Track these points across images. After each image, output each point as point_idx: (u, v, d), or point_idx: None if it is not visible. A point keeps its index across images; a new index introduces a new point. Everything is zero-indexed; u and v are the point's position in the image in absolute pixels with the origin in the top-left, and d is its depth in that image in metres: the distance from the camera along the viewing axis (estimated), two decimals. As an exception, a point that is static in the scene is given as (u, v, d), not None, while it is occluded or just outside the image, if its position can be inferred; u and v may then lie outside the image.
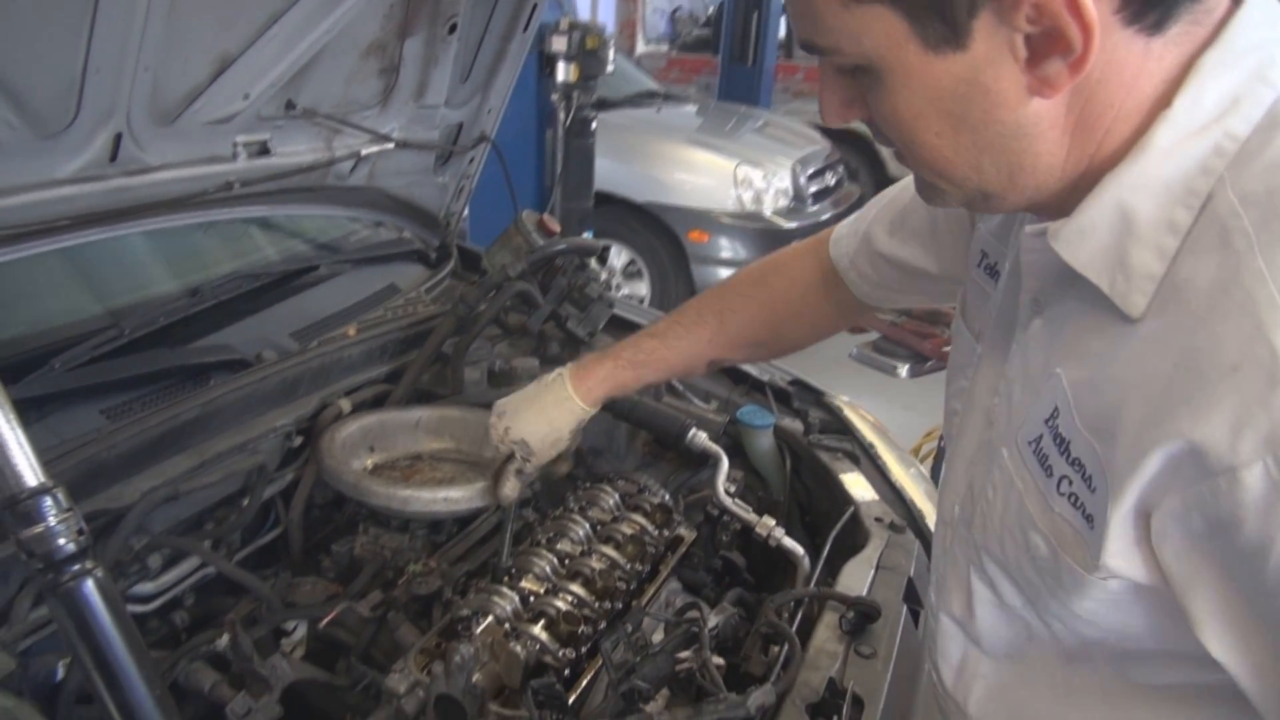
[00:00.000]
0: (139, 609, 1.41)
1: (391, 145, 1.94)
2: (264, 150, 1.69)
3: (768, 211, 5.66)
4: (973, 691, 0.96)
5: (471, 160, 2.23)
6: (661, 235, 5.64)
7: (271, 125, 1.68)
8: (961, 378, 1.05)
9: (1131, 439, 0.68)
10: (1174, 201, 0.69)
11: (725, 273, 5.60)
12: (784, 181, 5.80)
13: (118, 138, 1.41)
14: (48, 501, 0.65)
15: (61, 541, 0.65)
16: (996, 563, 0.87)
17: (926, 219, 1.20)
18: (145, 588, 1.40)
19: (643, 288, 5.77)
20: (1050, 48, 0.66)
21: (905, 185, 1.23)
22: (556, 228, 2.07)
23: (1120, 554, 0.70)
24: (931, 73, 0.70)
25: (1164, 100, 0.69)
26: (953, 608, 0.95)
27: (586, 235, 5.04)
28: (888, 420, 4.97)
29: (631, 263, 5.80)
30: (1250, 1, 0.69)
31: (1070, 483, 0.75)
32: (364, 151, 1.89)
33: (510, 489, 1.41)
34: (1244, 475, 0.59)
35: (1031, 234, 0.80)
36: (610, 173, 5.45)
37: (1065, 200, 0.76)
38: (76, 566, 0.66)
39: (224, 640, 1.31)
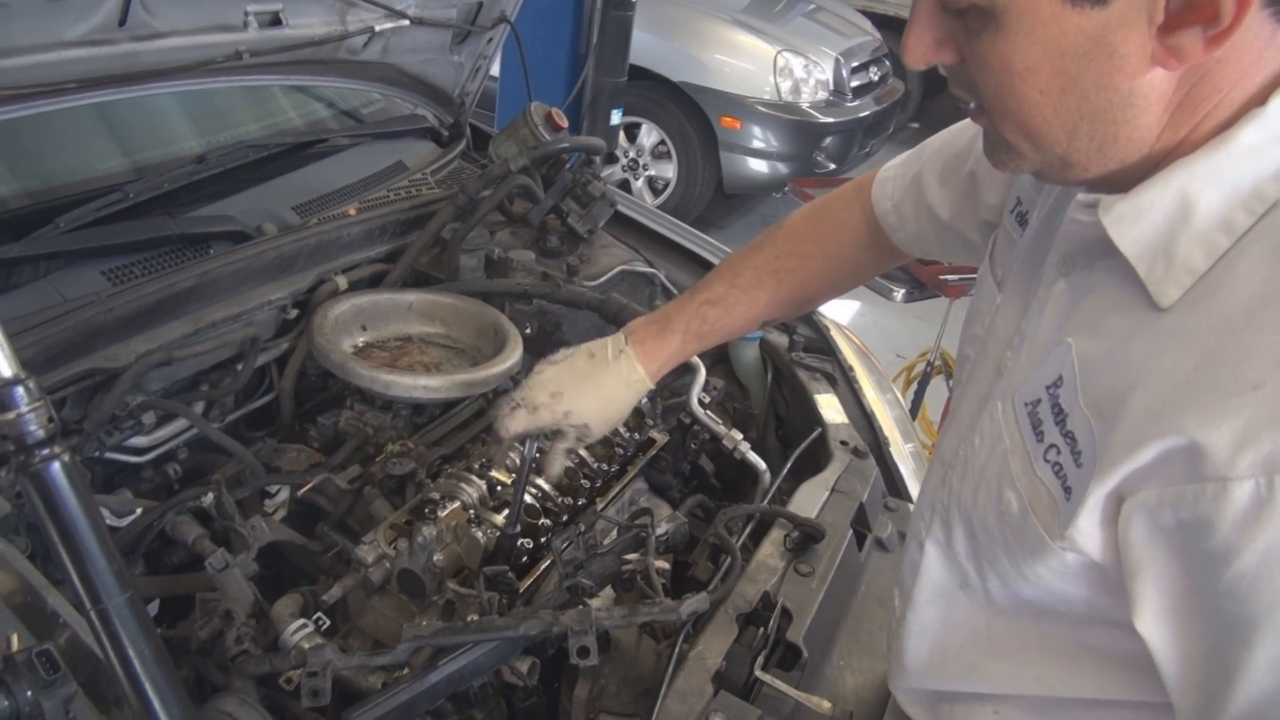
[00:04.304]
0: (134, 459, 1.51)
1: (406, 22, 1.92)
2: (275, 21, 1.69)
3: (805, 103, 5.53)
4: (908, 620, 1.01)
5: (490, 40, 2.20)
6: (693, 117, 5.55)
7: (284, -5, 1.68)
8: (978, 325, 1.03)
9: (1132, 425, 0.68)
10: (1238, 202, 0.68)
11: (754, 163, 5.53)
12: (825, 73, 5.64)
13: (127, 2, 1.42)
14: (20, 391, 0.72)
15: (32, 428, 0.72)
16: (961, 509, 0.90)
17: (965, 175, 1.15)
18: (140, 441, 1.50)
19: (669, 170, 5.72)
20: (1192, 16, 0.63)
21: (958, 130, 1.17)
22: (564, 123, 2.07)
23: (1086, 531, 0.73)
24: (1061, 25, 0.67)
25: (1265, 95, 0.67)
26: (922, 539, 0.99)
27: (616, 113, 4.95)
28: (897, 325, 5.00)
29: (661, 143, 5.72)
30: None
31: (1058, 452, 0.76)
32: (378, 27, 1.87)
33: (559, 468, 1.32)
34: (1234, 488, 0.61)
35: (1083, 204, 0.79)
36: (648, 47, 5.30)
37: (1136, 178, 0.73)
38: (45, 451, 0.73)
39: (209, 498, 1.41)
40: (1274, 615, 0.61)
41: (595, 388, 1.25)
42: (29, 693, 0.84)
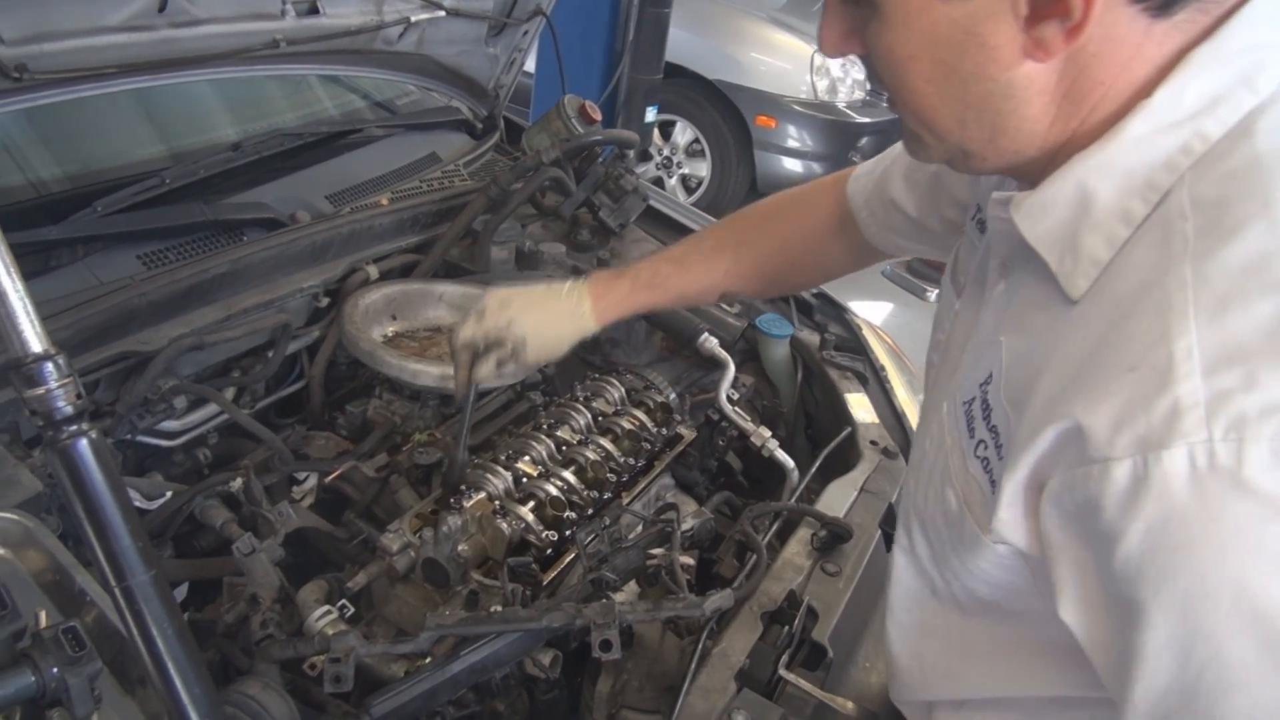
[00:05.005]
0: (165, 443, 1.52)
1: (442, 13, 1.92)
2: (312, 10, 1.70)
3: (841, 103, 5.49)
4: (889, 629, 1.02)
5: (525, 33, 2.20)
6: (728, 116, 5.52)
7: (322, -16, 1.68)
8: (940, 330, 1.06)
9: (1035, 413, 0.70)
10: (1133, 192, 0.69)
11: (788, 162, 5.50)
12: (862, 73, 5.59)
13: (167, -13, 1.43)
14: (49, 367, 0.72)
15: (60, 404, 0.72)
16: (917, 512, 0.91)
17: (931, 173, 1.16)
18: (171, 425, 1.51)
19: (703, 168, 5.70)
20: (1051, 9, 0.65)
21: None
22: (598, 115, 2.06)
23: (1010, 522, 0.73)
24: (931, 16, 0.70)
25: (1152, 87, 0.69)
26: (896, 550, 1.00)
27: (651, 110, 4.94)
28: (930, 327, 4.95)
29: (695, 141, 5.70)
30: (1255, 1, 0.67)
31: (986, 447, 0.78)
32: (414, 18, 1.88)
33: (485, 374, 1.34)
34: (1114, 468, 0.61)
35: (997, 202, 0.81)
36: (683, 44, 5.28)
37: (1043, 169, 0.75)
38: (73, 427, 0.73)
39: (238, 483, 1.42)
40: (1160, 595, 0.61)
41: (542, 310, 1.33)
42: (55, 669, 0.84)
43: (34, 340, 0.72)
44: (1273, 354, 0.58)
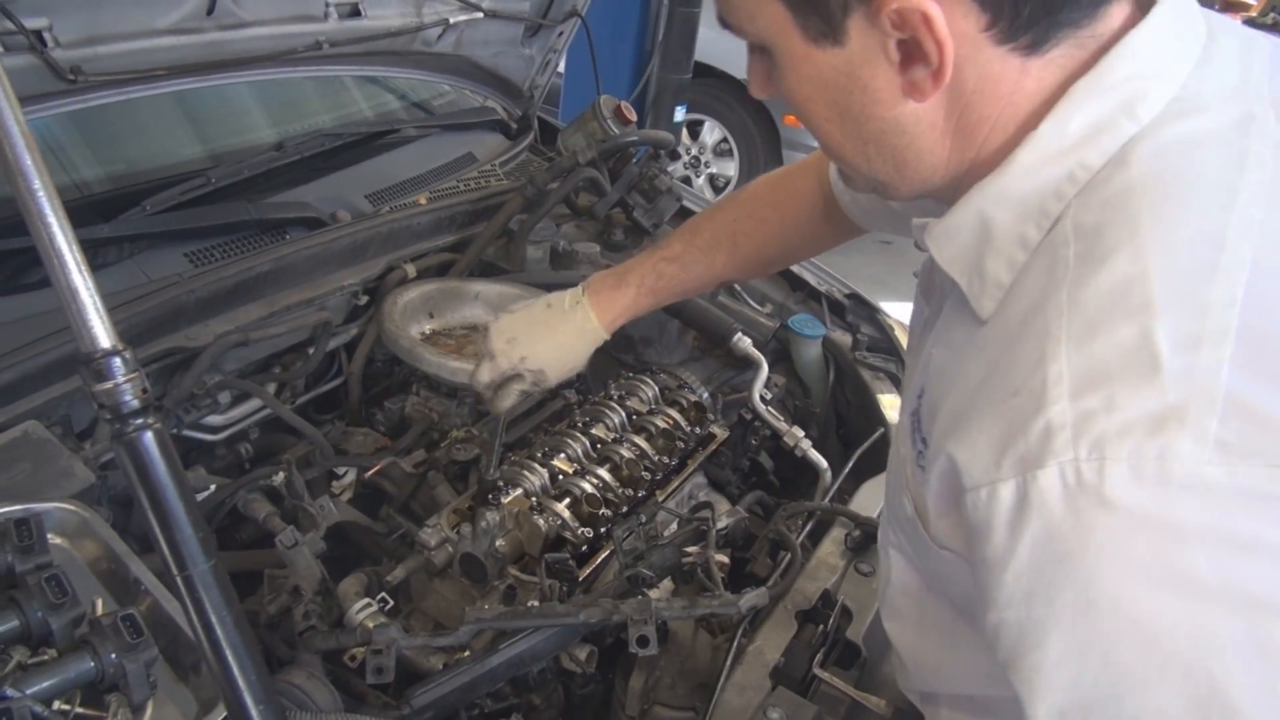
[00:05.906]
0: (208, 437, 1.55)
1: (480, 14, 1.95)
2: (354, 12, 1.73)
3: (871, 102, 5.46)
4: (886, 622, 1.03)
5: (560, 34, 2.22)
6: (757, 116, 5.51)
7: (364, -13, 1.71)
8: (913, 336, 1.08)
9: (940, 432, 0.73)
10: (1028, 218, 0.72)
11: (817, 162, 5.47)
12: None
13: (215, -9, 1.46)
14: (117, 362, 0.74)
15: (127, 398, 0.74)
16: (893, 514, 0.94)
17: None
18: (215, 419, 1.54)
19: (731, 168, 5.69)
20: (917, 55, 0.69)
21: None
22: (633, 116, 2.08)
23: (946, 530, 0.76)
24: (814, 62, 0.74)
25: (1038, 118, 0.71)
26: (888, 547, 1.02)
27: (680, 109, 4.94)
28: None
29: (723, 140, 5.69)
30: (1136, 32, 0.69)
31: (923, 456, 0.80)
32: (453, 19, 1.90)
33: (508, 406, 1.34)
34: (1001, 489, 0.64)
35: (916, 227, 0.84)
36: (712, 44, 5.25)
37: (953, 195, 0.78)
38: (139, 420, 0.75)
39: (280, 477, 1.44)
40: (1051, 611, 0.62)
41: (551, 334, 1.32)
42: (113, 655, 0.87)
43: (103, 336, 0.74)
44: (1130, 376, 0.61)
